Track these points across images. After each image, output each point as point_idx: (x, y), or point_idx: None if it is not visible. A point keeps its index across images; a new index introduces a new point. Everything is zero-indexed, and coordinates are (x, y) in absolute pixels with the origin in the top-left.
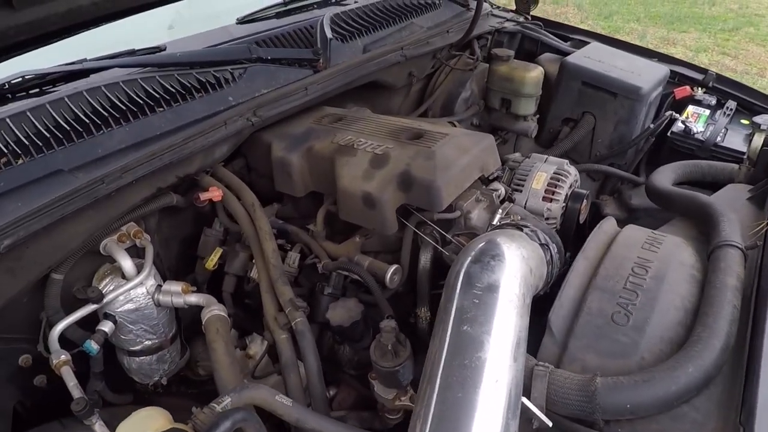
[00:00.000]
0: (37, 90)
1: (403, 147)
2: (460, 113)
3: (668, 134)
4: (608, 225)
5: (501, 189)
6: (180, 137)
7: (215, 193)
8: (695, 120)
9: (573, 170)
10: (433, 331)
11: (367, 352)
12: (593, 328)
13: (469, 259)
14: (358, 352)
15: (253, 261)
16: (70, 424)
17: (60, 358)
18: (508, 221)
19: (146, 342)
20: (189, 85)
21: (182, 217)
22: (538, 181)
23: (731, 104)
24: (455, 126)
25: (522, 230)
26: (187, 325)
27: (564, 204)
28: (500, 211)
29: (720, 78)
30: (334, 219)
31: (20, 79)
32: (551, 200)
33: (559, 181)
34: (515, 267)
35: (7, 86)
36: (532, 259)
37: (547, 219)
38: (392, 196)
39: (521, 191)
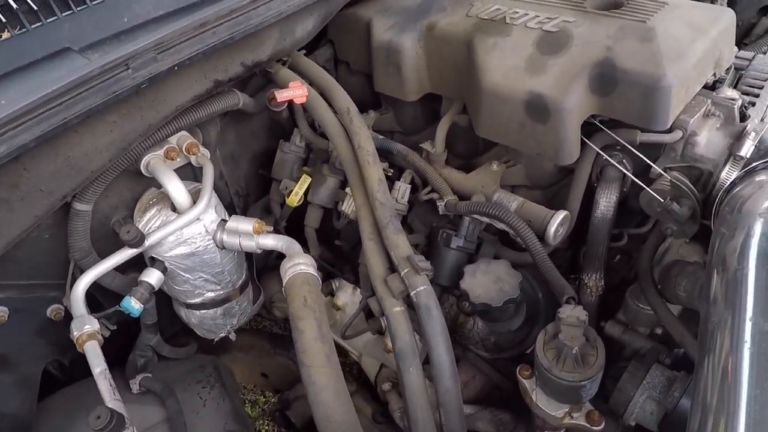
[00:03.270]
0: None
1: (594, 20)
2: None
3: None
4: None
5: (738, 99)
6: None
7: (298, 92)
8: None
9: None
10: (704, 333)
11: (512, 335)
12: None
13: None
14: (499, 333)
15: (347, 190)
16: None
17: (83, 329)
18: None
19: (208, 294)
20: None
21: (252, 125)
22: None
23: None
24: None
25: None
26: (259, 260)
27: None
28: (752, 134)
29: None
30: (455, 137)
31: None
32: None
33: None
34: None
35: None
36: None
37: None
38: (581, 101)
39: (754, 104)
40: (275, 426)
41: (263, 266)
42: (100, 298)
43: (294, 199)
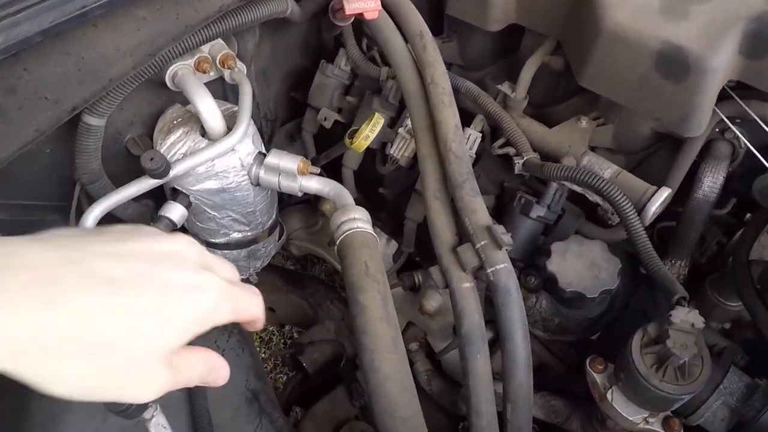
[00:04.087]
0: None
1: None
2: None
3: None
4: None
5: None
6: None
7: (370, 4)
8: None
9: None
10: None
11: (582, 322)
12: None
13: None
14: (567, 317)
15: (399, 130)
16: None
17: None
18: None
19: (234, 234)
20: None
21: (289, 38)
22: None
23: None
24: None
25: None
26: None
27: None
28: None
29: None
30: (535, 80)
31: None
32: None
33: None
34: None
35: None
36: None
37: None
38: (728, 63)
39: None
40: (284, 366)
41: (280, 199)
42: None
43: (363, 144)
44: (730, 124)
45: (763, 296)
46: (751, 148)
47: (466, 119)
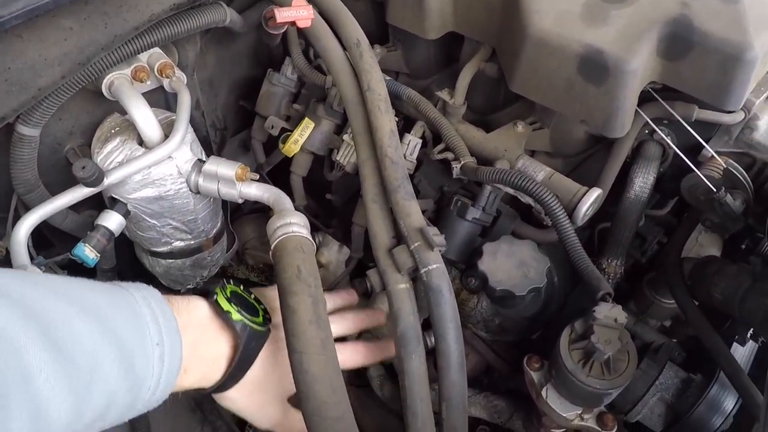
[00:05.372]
0: None
1: None
2: None
3: None
4: None
5: None
6: None
7: (302, 13)
8: None
9: None
10: None
11: (521, 321)
12: None
13: None
14: (506, 317)
15: (344, 137)
16: None
17: None
18: None
19: (177, 243)
20: None
21: (235, 48)
22: None
23: None
24: None
25: None
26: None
27: None
28: None
29: None
30: (474, 87)
31: None
32: None
33: None
34: None
35: None
36: None
37: None
38: (645, 65)
39: None
40: None
41: (236, 208)
42: (50, 236)
43: (293, 148)
44: (654, 126)
45: (693, 292)
46: (674, 148)
47: (409, 125)
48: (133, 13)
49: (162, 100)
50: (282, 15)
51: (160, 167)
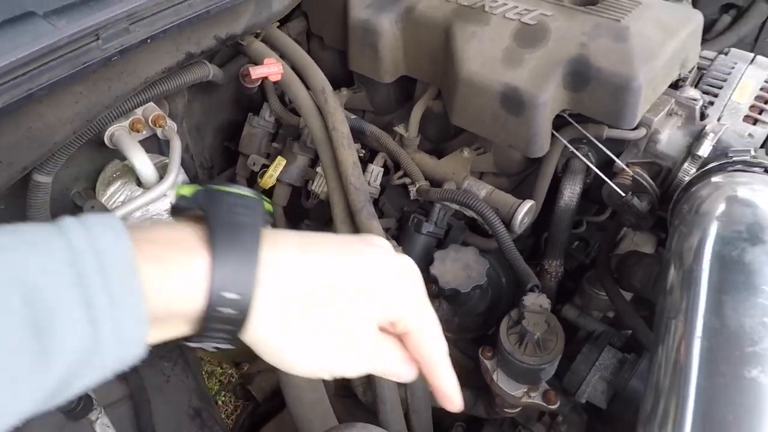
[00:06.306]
0: None
1: (571, 16)
2: None
3: None
4: None
5: (699, 99)
6: None
7: (273, 69)
8: None
9: None
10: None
11: (476, 318)
12: None
13: (724, 232)
14: (463, 315)
15: (317, 170)
16: None
17: None
18: (745, 158)
19: None
20: None
21: (219, 96)
22: (743, 91)
23: None
24: None
25: None
26: None
27: None
28: (710, 135)
29: None
30: (428, 121)
31: None
32: (756, 121)
33: None
34: None
35: None
36: None
37: None
38: (554, 97)
39: (713, 104)
40: (234, 398)
41: None
42: None
43: (269, 181)
44: (570, 146)
45: (619, 282)
46: (588, 163)
47: (373, 156)
48: (131, 77)
49: (156, 146)
50: (256, 72)
51: (157, 204)
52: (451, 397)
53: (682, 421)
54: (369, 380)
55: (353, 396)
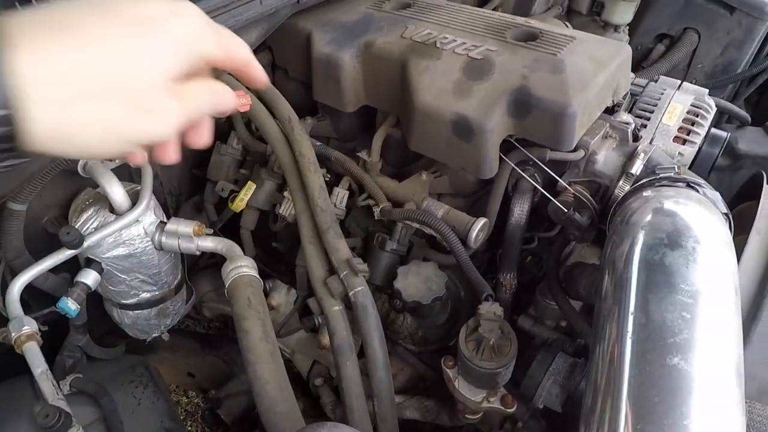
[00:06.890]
0: None
1: (513, 51)
2: (538, 13)
3: None
4: None
5: (632, 122)
6: None
7: (242, 101)
8: None
9: (713, 103)
10: (597, 338)
11: (438, 330)
12: None
13: (648, 239)
14: (426, 328)
15: (285, 194)
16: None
17: (21, 330)
18: (670, 174)
19: (143, 294)
20: None
21: None
22: (672, 114)
23: None
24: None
25: (698, 191)
26: (189, 259)
27: (698, 148)
28: (641, 154)
29: None
30: (389, 147)
31: None
32: (685, 141)
33: (698, 116)
34: (726, 256)
35: None
36: (731, 242)
37: None
38: (500, 123)
39: (646, 126)
40: (202, 425)
41: (193, 265)
42: (26, 298)
43: (239, 205)
44: (517, 168)
45: (567, 291)
46: (533, 183)
47: (338, 180)
48: None
49: (126, 174)
50: None
51: (129, 229)
52: (262, 75)
53: (617, 408)
54: (337, 398)
55: (323, 415)
